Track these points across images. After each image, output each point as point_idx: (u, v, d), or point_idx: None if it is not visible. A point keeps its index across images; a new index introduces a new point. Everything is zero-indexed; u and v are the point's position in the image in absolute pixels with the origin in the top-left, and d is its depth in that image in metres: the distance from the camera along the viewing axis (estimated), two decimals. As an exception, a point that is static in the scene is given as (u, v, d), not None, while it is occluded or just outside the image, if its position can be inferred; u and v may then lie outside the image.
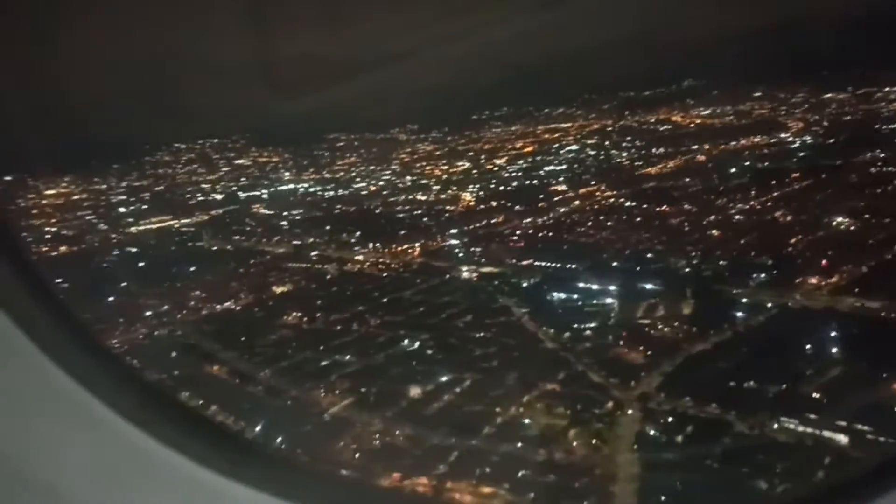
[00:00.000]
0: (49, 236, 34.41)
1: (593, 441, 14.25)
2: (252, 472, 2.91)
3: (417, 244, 29.11)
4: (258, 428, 16.10)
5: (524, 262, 24.64)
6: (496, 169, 39.89)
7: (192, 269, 28.66)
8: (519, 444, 14.12)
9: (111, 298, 25.56)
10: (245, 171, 43.33)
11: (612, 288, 20.70)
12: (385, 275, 26.01)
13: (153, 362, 19.46)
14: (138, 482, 2.79)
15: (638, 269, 21.88)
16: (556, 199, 33.67)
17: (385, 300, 23.06)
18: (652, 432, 14.74)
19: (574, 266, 23.19)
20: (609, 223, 28.31)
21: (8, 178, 31.94)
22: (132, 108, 37.43)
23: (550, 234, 28.12)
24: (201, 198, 40.44)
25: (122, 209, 38.19)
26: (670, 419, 14.83)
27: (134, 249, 32.01)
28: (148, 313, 23.86)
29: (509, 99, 43.83)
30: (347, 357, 19.07)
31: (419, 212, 34.81)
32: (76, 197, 39.50)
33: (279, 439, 15.31)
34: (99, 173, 40.24)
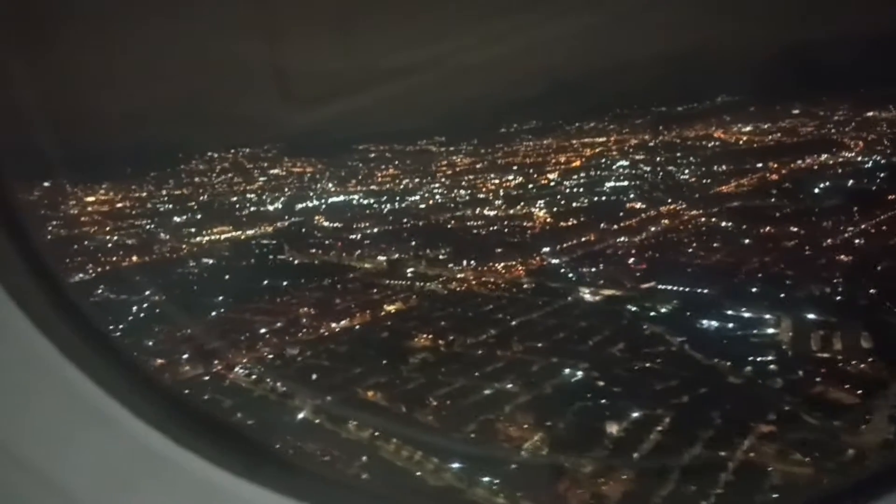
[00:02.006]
0: (111, 245, 33.71)
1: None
2: (266, 474, 2.82)
3: (516, 262, 28.40)
4: (454, 465, 15.25)
5: (645, 285, 23.89)
6: (553, 184, 39.35)
7: (285, 283, 27.83)
8: (775, 496, 13.20)
9: (214, 313, 24.77)
10: (284, 181, 42.87)
11: (767, 316, 20.05)
12: (498, 294, 25.23)
13: (297, 385, 18.65)
14: (151, 482, 2.70)
15: (783, 295, 21.16)
16: (639, 216, 33.08)
17: (514, 323, 22.33)
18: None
19: (707, 291, 22.51)
20: (715, 244, 27.67)
21: (46, 184, 31.43)
22: (164, 117, 36.99)
23: (658, 254, 27.44)
24: (253, 209, 39.92)
25: (176, 218, 37.60)
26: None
27: (210, 261, 31.16)
28: (263, 330, 23.04)
29: (536, 112, 43.44)
30: (509, 386, 18.24)
31: (496, 227, 34.19)
32: (120, 205, 38.98)
33: (489, 481, 14.41)
34: (135, 181, 39.72)
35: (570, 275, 26.14)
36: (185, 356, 21.11)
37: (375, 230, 35.05)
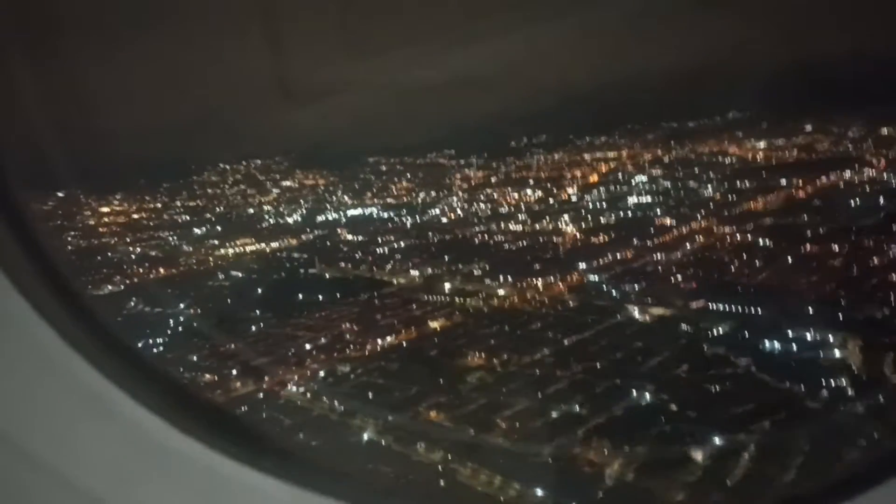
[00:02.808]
0: (135, 257, 33.33)
1: None
2: (269, 461, 2.85)
3: (555, 279, 28.05)
4: (538, 490, 14.78)
5: (696, 304, 23.54)
6: (574, 199, 39.13)
7: (321, 297, 27.40)
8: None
9: (254, 328, 24.38)
10: (298, 193, 42.71)
11: (831, 339, 19.68)
12: (543, 312, 24.85)
13: (355, 404, 18.21)
14: (154, 470, 2.72)
15: (841, 316, 20.83)
16: (671, 233, 32.84)
17: (567, 342, 21.91)
18: None
19: (761, 311, 22.19)
20: (758, 262, 27.38)
21: (60, 194, 31.25)
22: (176, 129, 36.71)
23: (701, 272, 27.13)
24: (272, 220, 39.71)
25: (196, 230, 37.33)
26: None
27: (239, 273, 30.73)
28: (308, 346, 22.62)
29: (545, 126, 43.32)
30: (577, 408, 17.81)
31: (525, 243, 33.90)
32: (136, 216, 38.77)
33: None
34: (148, 192, 39.57)
35: (614, 292, 25.78)
36: (234, 372, 20.62)
37: (402, 244, 34.70)
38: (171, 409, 2.84)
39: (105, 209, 37.69)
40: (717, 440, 15.86)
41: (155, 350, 20.97)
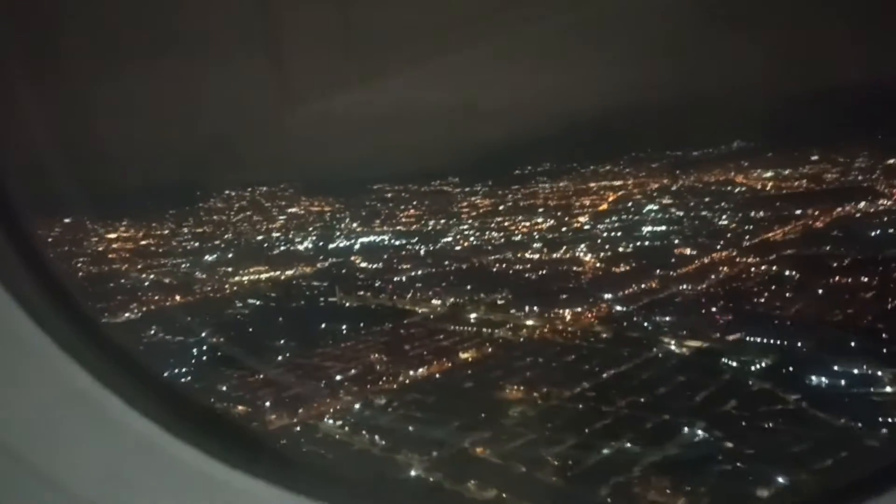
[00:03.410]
0: (149, 284, 32.86)
1: None
2: (263, 466, 2.82)
3: (582, 309, 27.67)
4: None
5: (732, 337, 23.18)
6: (586, 227, 38.95)
7: (344, 326, 26.94)
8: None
9: (280, 357, 23.91)
10: (305, 220, 42.58)
11: (880, 374, 19.34)
12: (576, 343, 24.42)
13: (397, 439, 17.69)
14: (148, 475, 2.69)
15: (885, 350, 20.50)
16: (693, 263, 32.58)
17: (605, 376, 21.47)
18: None
19: (801, 344, 21.85)
20: (788, 294, 27.08)
21: (67, 220, 30.99)
22: (181, 155, 36.59)
23: (731, 303, 26.81)
24: (283, 248, 39.45)
25: (207, 257, 36.98)
26: None
27: (256, 301, 30.26)
28: (339, 377, 22.09)
29: (548, 154, 43.38)
30: (628, 445, 17.31)
31: (545, 271, 33.57)
32: (144, 242, 38.48)
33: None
34: (154, 218, 39.34)
35: (646, 324, 25.39)
36: (268, 403, 20.05)
37: (420, 272, 34.30)
38: (165, 414, 2.79)
39: (112, 235, 37.24)
40: (780, 479, 15.36)
41: (182, 380, 20.42)
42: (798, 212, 36.80)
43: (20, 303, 2.68)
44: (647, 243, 35.75)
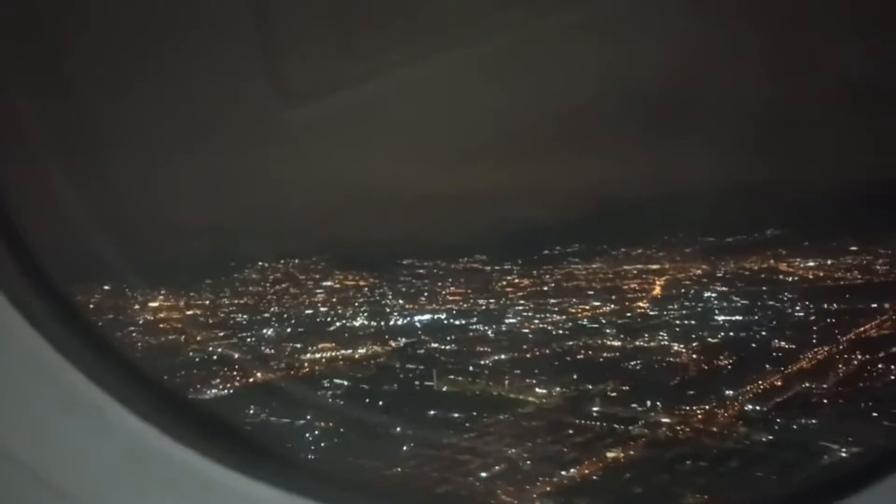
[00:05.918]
0: (217, 358, 30.74)
1: None
2: (264, 469, 3.19)
3: (712, 407, 25.85)
4: None
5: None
6: (652, 313, 37.51)
7: (456, 415, 24.97)
8: None
9: (405, 447, 21.80)
10: (345, 294, 41.04)
11: None
12: (738, 447, 22.52)
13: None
14: (147, 478, 3.07)
15: None
16: (802, 359, 30.90)
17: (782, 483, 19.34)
18: None
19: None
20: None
21: (106, 287, 29.34)
22: (215, 226, 35.72)
23: (878, 406, 25.07)
24: (339, 323, 37.70)
25: (266, 331, 35.14)
26: None
27: (345, 382, 28.29)
28: (483, 474, 19.95)
29: (577, 236, 42.74)
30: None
31: (641, 362, 31.74)
32: (190, 312, 36.53)
33: None
34: (191, 288, 37.82)
35: (794, 427, 23.49)
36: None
37: (502, 356, 32.41)
38: (163, 417, 3.07)
39: (154, 304, 35.46)
40: None
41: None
42: (874, 305, 35.76)
43: (16, 305, 2.97)
44: (731, 334, 34.17)
